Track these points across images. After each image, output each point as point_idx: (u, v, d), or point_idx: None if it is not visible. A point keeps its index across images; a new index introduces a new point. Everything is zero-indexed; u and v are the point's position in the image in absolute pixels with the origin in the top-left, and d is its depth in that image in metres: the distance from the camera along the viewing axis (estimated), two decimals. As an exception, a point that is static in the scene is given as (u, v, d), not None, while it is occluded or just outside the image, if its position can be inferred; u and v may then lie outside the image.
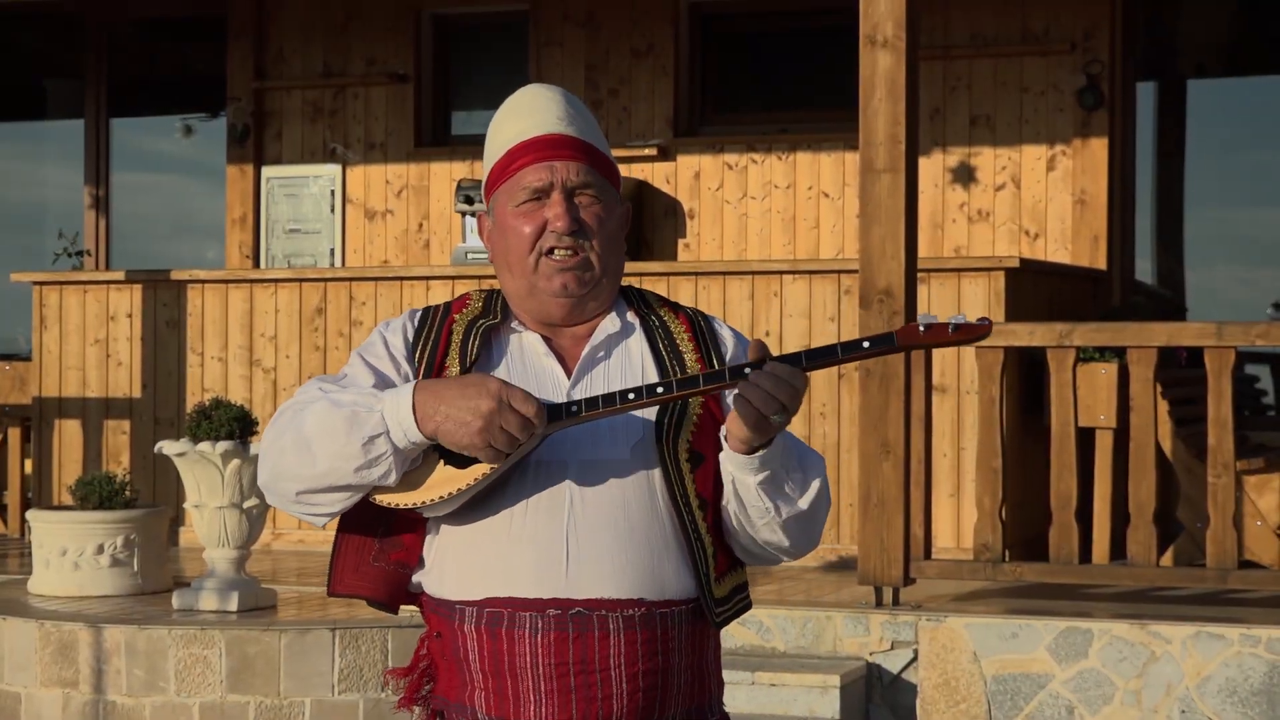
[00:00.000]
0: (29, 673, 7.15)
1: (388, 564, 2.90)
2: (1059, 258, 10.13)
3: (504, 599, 2.80)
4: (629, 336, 2.96)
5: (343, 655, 6.88)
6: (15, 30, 12.85)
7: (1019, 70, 10.32)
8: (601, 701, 2.80)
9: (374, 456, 2.76)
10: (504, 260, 2.94)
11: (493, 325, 2.94)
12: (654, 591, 2.82)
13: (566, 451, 2.83)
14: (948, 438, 8.77)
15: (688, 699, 2.88)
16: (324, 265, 11.29)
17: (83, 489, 7.89)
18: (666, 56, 10.91)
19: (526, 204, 2.91)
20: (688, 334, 2.97)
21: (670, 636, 2.84)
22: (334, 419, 2.77)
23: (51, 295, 10.31)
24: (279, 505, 2.87)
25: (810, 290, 9.06)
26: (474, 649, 2.83)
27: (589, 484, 2.83)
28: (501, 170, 2.94)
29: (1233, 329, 7.26)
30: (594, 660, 2.79)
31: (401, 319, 2.99)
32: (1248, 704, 6.92)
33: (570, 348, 2.94)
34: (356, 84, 11.41)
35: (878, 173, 7.47)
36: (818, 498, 2.86)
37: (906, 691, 7.30)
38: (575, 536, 2.81)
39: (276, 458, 2.83)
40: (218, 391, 9.79)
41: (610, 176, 2.96)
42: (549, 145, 2.92)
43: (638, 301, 3.01)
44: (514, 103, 3.00)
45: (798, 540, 2.89)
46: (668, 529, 2.85)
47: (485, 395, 2.72)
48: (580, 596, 2.79)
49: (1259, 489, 8.45)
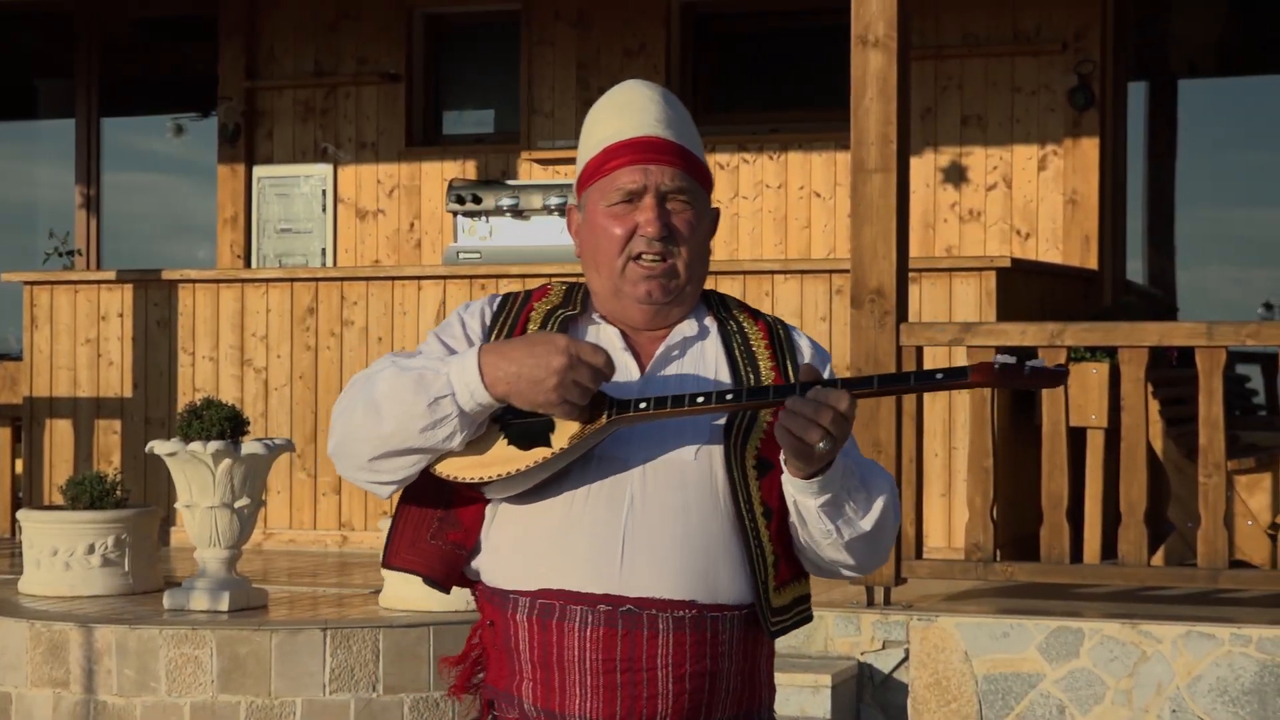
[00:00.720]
0: (19, 673, 7.15)
1: (444, 543, 2.90)
2: (1050, 257, 10.14)
3: (557, 590, 2.80)
4: (705, 339, 2.95)
5: (334, 655, 6.88)
6: (6, 30, 12.84)
7: (1010, 70, 10.33)
8: (647, 700, 2.80)
9: (439, 418, 2.76)
10: (591, 258, 2.95)
11: (571, 316, 2.95)
12: (706, 595, 2.82)
13: (631, 449, 2.83)
14: (939, 437, 8.77)
15: (736, 704, 2.87)
16: (315, 265, 11.28)
17: (74, 489, 7.89)
18: (658, 56, 10.91)
19: (618, 205, 2.90)
20: (765, 341, 2.96)
21: (720, 640, 2.83)
22: (402, 381, 2.78)
23: (42, 295, 10.30)
24: (347, 473, 2.87)
25: (802, 290, 9.07)
26: (524, 639, 2.83)
27: (651, 482, 2.82)
28: (596, 168, 2.94)
29: (1224, 329, 7.27)
30: (641, 659, 2.79)
31: (480, 303, 3.00)
32: (1238, 703, 6.92)
33: (646, 345, 2.94)
34: (348, 83, 11.41)
35: (869, 172, 7.47)
36: (882, 518, 2.85)
37: (898, 691, 7.31)
38: (632, 534, 2.81)
39: (346, 421, 2.84)
40: (209, 391, 9.78)
41: (703, 182, 2.96)
42: (645, 148, 2.91)
43: (717, 305, 3.01)
44: (613, 99, 2.99)
45: (863, 558, 2.88)
46: (728, 534, 2.84)
47: (556, 351, 2.72)
48: (632, 594, 2.79)
49: (1250, 489, 8.46)
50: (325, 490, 9.78)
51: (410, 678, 6.94)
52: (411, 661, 6.95)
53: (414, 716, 6.93)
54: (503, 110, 11.43)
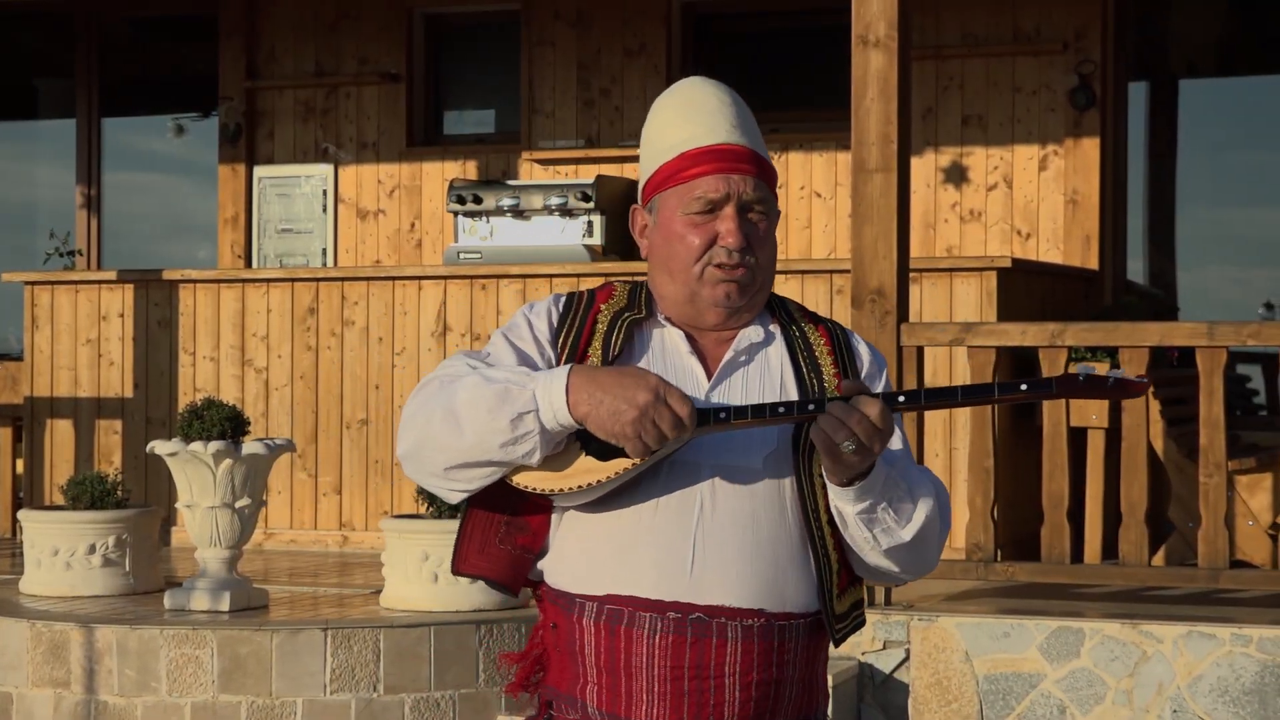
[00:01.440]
0: (20, 673, 7.15)
1: (513, 547, 2.90)
2: (1051, 257, 10.14)
3: (625, 597, 2.81)
4: (770, 345, 2.96)
5: (334, 655, 6.88)
6: (7, 30, 12.83)
7: (1011, 70, 10.33)
8: (714, 708, 2.81)
9: (521, 434, 2.76)
10: (664, 264, 2.94)
11: (637, 319, 2.94)
12: (775, 603, 2.84)
13: (701, 455, 2.84)
14: (940, 437, 8.77)
15: (797, 710, 2.89)
16: (316, 265, 11.28)
17: (74, 489, 7.89)
18: (658, 56, 10.91)
19: (698, 214, 2.90)
20: (827, 347, 2.98)
21: (786, 649, 2.85)
22: (485, 393, 2.77)
23: (43, 295, 10.30)
24: (417, 476, 2.86)
25: (802, 290, 9.07)
26: (591, 644, 2.84)
27: (720, 490, 2.84)
28: (672, 174, 2.92)
29: (1224, 329, 7.27)
30: (709, 666, 2.80)
31: (546, 303, 2.99)
32: (1239, 703, 6.92)
33: (712, 349, 2.95)
34: (348, 83, 11.41)
35: (870, 172, 7.47)
36: (924, 529, 2.86)
37: (898, 691, 7.31)
38: (702, 541, 2.82)
39: (423, 427, 2.81)
40: (209, 391, 9.78)
41: (773, 187, 2.97)
42: (726, 157, 2.91)
43: (780, 310, 3.01)
44: (681, 99, 2.98)
45: (906, 566, 2.90)
46: (795, 542, 2.86)
47: (644, 388, 2.73)
48: (702, 602, 2.80)
49: (1250, 489, 8.46)
50: (326, 490, 9.78)
51: (411, 678, 6.94)
52: (412, 662, 6.95)
53: (415, 717, 6.93)
54: (503, 110, 11.43)
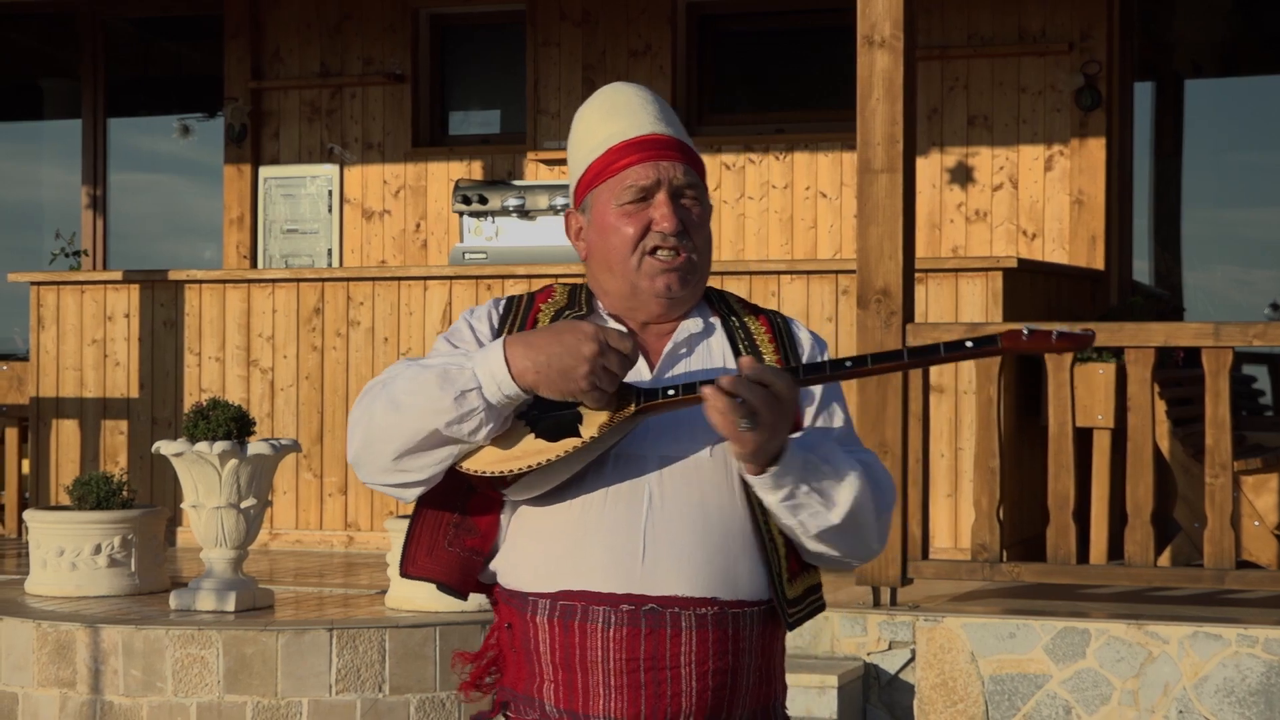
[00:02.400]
0: (26, 673, 7.15)
1: (462, 549, 2.90)
2: (1056, 258, 10.13)
3: (578, 592, 2.81)
4: (710, 335, 2.97)
5: (340, 655, 6.88)
6: (12, 30, 12.85)
7: (1016, 70, 10.33)
8: (671, 698, 2.81)
9: (466, 411, 2.75)
10: (603, 259, 2.95)
11: (579, 317, 2.94)
12: (728, 591, 2.83)
13: (648, 446, 2.84)
14: (945, 438, 8.77)
15: (754, 699, 2.89)
16: (321, 265, 11.28)
17: (80, 489, 7.89)
18: (664, 56, 10.91)
19: (630, 204, 2.91)
20: (768, 335, 2.99)
21: (742, 637, 2.84)
22: (425, 378, 2.78)
23: (49, 295, 10.30)
24: (370, 478, 2.85)
25: (808, 290, 9.07)
26: (545, 641, 2.83)
27: (668, 480, 2.83)
28: (602, 169, 2.94)
29: (1230, 329, 7.27)
30: (665, 657, 2.80)
31: (486, 307, 3.01)
32: (1245, 704, 6.92)
33: (653, 343, 2.96)
34: (353, 84, 11.41)
35: (875, 173, 7.47)
36: (854, 511, 2.83)
37: (904, 691, 7.31)
38: (652, 532, 2.81)
39: (368, 424, 2.82)
40: (215, 392, 9.79)
41: (703, 178, 2.99)
42: (653, 145, 2.94)
43: (719, 302, 3.03)
44: (603, 103, 3.00)
45: (844, 549, 2.88)
46: (745, 529, 2.85)
47: (585, 338, 2.73)
48: (654, 593, 2.80)
49: (1256, 489, 8.45)
50: (331, 490, 9.78)
51: (416, 678, 6.94)
52: (418, 662, 6.95)
53: (420, 717, 6.93)
54: (508, 111, 11.43)
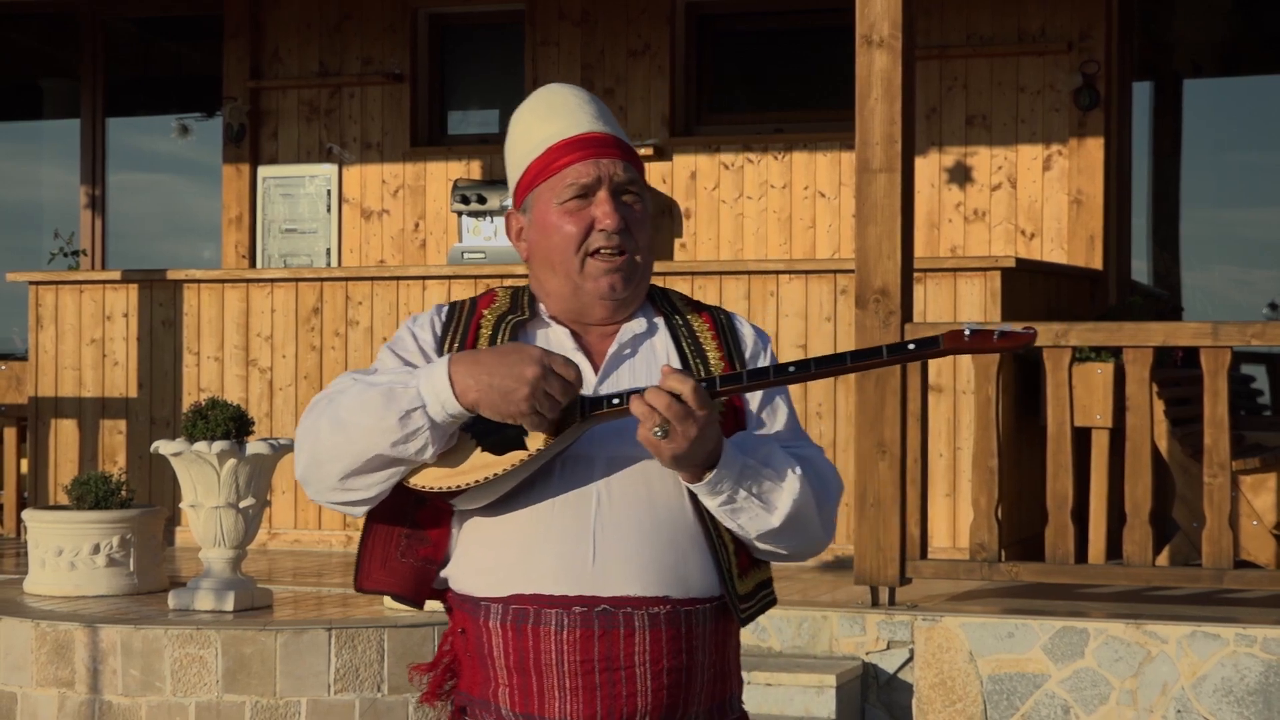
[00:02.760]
0: (25, 672, 7.15)
1: (415, 560, 2.89)
2: (1055, 257, 10.13)
3: (530, 596, 2.81)
4: (654, 336, 2.96)
5: (339, 655, 6.88)
6: (11, 30, 12.84)
7: (1015, 70, 10.33)
8: (626, 699, 2.80)
9: (411, 430, 2.74)
10: (545, 259, 2.93)
11: (521, 320, 2.94)
12: (679, 589, 2.83)
13: (594, 447, 2.83)
14: (944, 437, 8.77)
15: (709, 696, 2.88)
16: (320, 265, 11.28)
17: (79, 489, 7.89)
18: (663, 56, 10.91)
19: (571, 202, 2.90)
20: (711, 332, 2.98)
21: (695, 634, 2.84)
22: (369, 397, 2.76)
23: (48, 295, 10.30)
24: (317, 496, 2.85)
25: (806, 290, 9.07)
26: (499, 645, 2.83)
27: (616, 480, 2.83)
28: (542, 168, 2.93)
29: (1229, 329, 7.27)
30: (619, 657, 2.80)
31: (428, 314, 2.99)
32: (1243, 704, 6.92)
33: (597, 344, 2.94)
34: (352, 83, 11.41)
35: (874, 172, 7.47)
36: (795, 512, 2.83)
37: (902, 691, 7.31)
38: (602, 534, 2.81)
39: (314, 444, 2.81)
40: (214, 391, 9.79)
41: (643, 176, 2.98)
42: (592, 144, 2.92)
43: (662, 301, 3.02)
44: (542, 102, 2.99)
45: (790, 548, 2.88)
46: (693, 527, 2.85)
47: (528, 361, 2.72)
48: (606, 594, 2.80)
49: (1255, 489, 8.46)
50: (330, 490, 9.77)
51: (415, 678, 6.94)
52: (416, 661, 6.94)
53: (418, 716, 6.93)
54: (507, 110, 11.42)
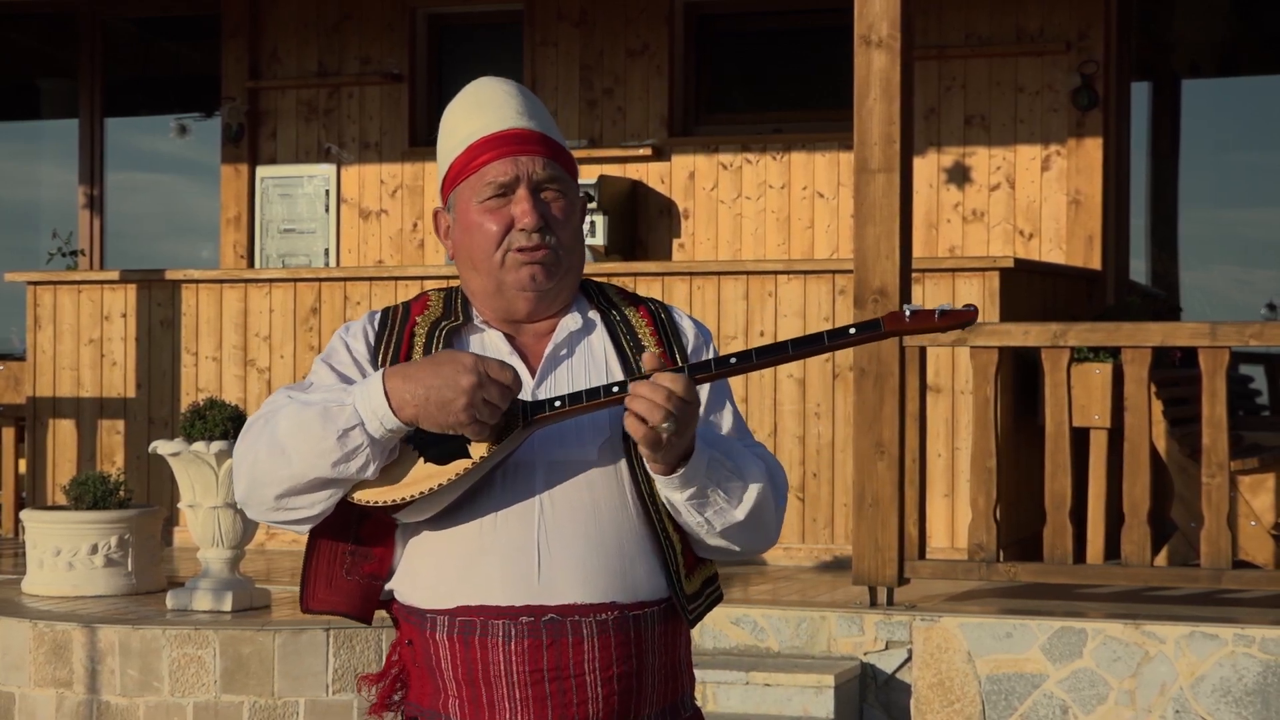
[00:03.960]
0: (23, 673, 7.15)
1: (360, 577, 2.85)
2: (1053, 258, 10.13)
3: (476, 607, 2.77)
4: (591, 333, 2.92)
5: (337, 655, 6.88)
6: (10, 29, 12.84)
7: (1014, 70, 10.33)
8: (577, 706, 2.78)
9: (350, 449, 2.70)
10: (468, 258, 2.90)
11: (455, 326, 2.90)
12: (626, 594, 2.80)
13: (535, 453, 2.79)
14: (942, 438, 8.77)
15: (661, 698, 2.86)
16: (319, 265, 11.28)
17: (77, 489, 7.89)
18: (661, 56, 10.90)
19: (491, 200, 2.87)
20: (649, 327, 2.94)
21: (644, 638, 2.82)
22: (305, 417, 2.72)
23: (46, 295, 10.30)
24: (258, 517, 2.81)
25: (805, 290, 9.07)
26: (446, 657, 2.80)
27: (558, 486, 2.79)
28: (463, 166, 2.91)
29: (1227, 329, 7.27)
30: (569, 666, 2.77)
31: (361, 322, 2.94)
32: (1241, 704, 6.92)
33: (533, 345, 2.91)
34: (351, 83, 11.41)
35: (872, 173, 7.47)
36: (757, 507, 2.82)
37: (901, 691, 7.31)
38: (546, 542, 2.77)
39: (251, 466, 2.76)
40: (212, 391, 9.79)
41: (570, 170, 2.94)
42: (512, 140, 2.89)
43: (598, 297, 2.98)
44: (469, 98, 2.97)
45: (744, 544, 2.87)
46: (638, 529, 2.83)
47: (463, 370, 2.67)
48: (553, 603, 2.76)
49: (1253, 489, 8.46)
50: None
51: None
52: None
53: (417, 717, 6.93)
54: (506, 110, 11.41)
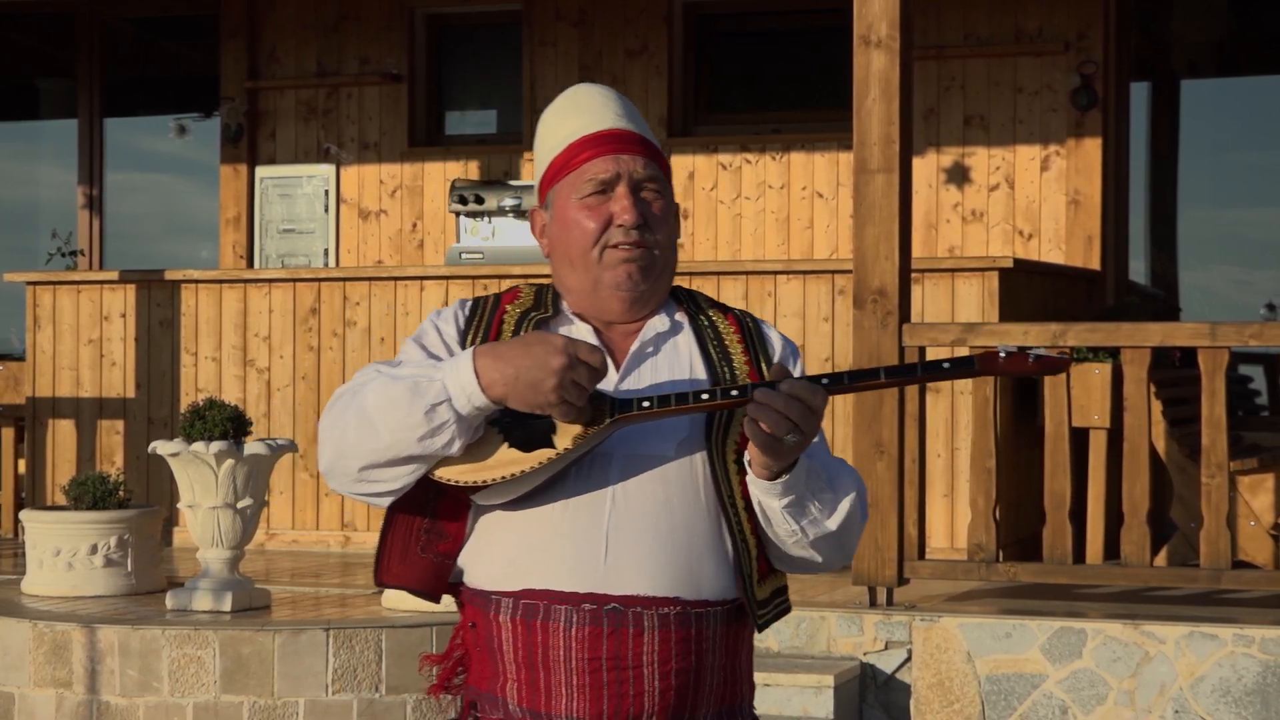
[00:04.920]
0: (22, 673, 7.15)
1: (434, 555, 2.88)
2: (1053, 258, 10.14)
3: (540, 591, 2.80)
4: (678, 334, 2.95)
5: (336, 655, 6.88)
6: (9, 29, 12.84)
7: (1013, 70, 10.33)
8: (633, 698, 2.79)
9: (437, 425, 2.73)
10: (565, 255, 2.93)
11: (544, 318, 2.93)
12: (690, 591, 2.82)
13: (613, 445, 2.82)
14: (942, 438, 8.77)
15: (719, 699, 2.87)
16: (318, 265, 11.28)
17: (76, 489, 7.89)
18: (660, 56, 10.91)
19: (591, 197, 2.90)
20: (736, 335, 2.97)
21: (705, 636, 2.83)
22: (394, 391, 2.75)
23: (45, 295, 10.30)
24: (341, 488, 2.84)
25: (804, 290, 9.07)
26: (508, 640, 2.82)
27: (633, 479, 2.81)
28: (563, 165, 2.94)
29: (1226, 329, 7.27)
30: (627, 656, 2.79)
31: (452, 308, 2.98)
32: (1241, 704, 6.92)
33: (619, 342, 2.93)
34: (350, 84, 11.41)
35: (872, 173, 7.47)
36: (848, 518, 2.85)
37: (900, 691, 7.31)
38: (615, 531, 2.80)
39: (339, 437, 2.80)
40: (211, 391, 9.79)
41: (667, 174, 2.98)
42: (613, 140, 2.92)
43: (687, 301, 3.01)
44: (568, 101, 3.00)
45: (829, 556, 2.89)
46: (710, 529, 2.84)
47: (554, 351, 2.70)
48: (616, 592, 2.78)
49: (1253, 489, 8.46)
50: (328, 491, 9.78)
51: (413, 678, 6.94)
52: (414, 662, 6.95)
53: (417, 717, 6.93)
54: (505, 110, 11.43)
